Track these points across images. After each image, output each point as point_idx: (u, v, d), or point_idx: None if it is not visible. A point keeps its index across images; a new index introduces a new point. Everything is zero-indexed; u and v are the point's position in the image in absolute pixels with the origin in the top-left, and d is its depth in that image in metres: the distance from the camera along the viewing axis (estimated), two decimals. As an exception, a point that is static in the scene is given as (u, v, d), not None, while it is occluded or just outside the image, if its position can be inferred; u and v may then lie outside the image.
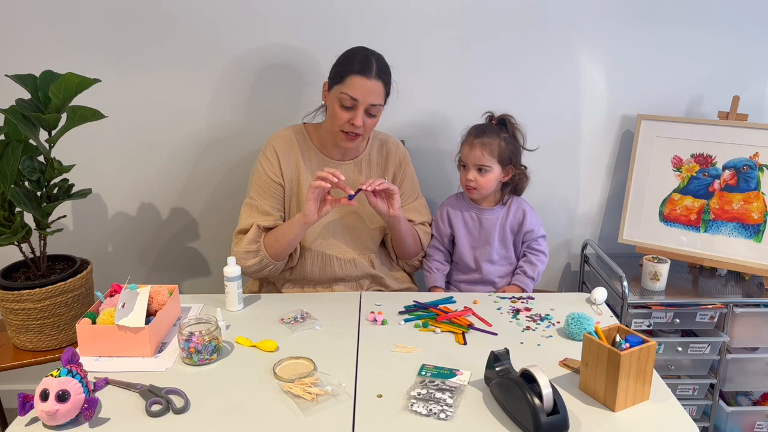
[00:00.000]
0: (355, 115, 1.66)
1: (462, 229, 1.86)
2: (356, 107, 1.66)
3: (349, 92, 1.64)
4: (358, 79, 1.64)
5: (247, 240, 1.72)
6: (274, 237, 1.73)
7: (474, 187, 1.79)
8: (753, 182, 1.98)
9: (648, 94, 2.16)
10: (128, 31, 2.02)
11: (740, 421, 2.06)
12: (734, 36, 2.10)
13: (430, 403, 1.22)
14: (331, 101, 1.70)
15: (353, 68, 1.65)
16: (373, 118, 1.70)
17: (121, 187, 2.20)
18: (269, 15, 2.03)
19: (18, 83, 1.63)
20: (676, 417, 1.20)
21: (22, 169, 1.63)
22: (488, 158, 1.76)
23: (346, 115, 1.67)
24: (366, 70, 1.65)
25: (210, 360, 1.37)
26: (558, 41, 2.09)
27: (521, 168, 1.83)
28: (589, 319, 1.48)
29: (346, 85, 1.65)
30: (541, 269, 1.85)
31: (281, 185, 1.79)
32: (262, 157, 1.80)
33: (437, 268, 1.90)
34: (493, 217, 1.84)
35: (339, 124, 1.69)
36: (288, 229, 1.71)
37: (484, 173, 1.77)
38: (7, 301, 1.67)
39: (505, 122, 1.80)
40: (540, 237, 1.87)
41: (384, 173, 1.86)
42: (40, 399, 1.13)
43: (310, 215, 1.63)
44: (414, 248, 1.87)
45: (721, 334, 1.96)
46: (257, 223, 1.74)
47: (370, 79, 1.65)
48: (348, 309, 1.63)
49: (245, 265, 1.70)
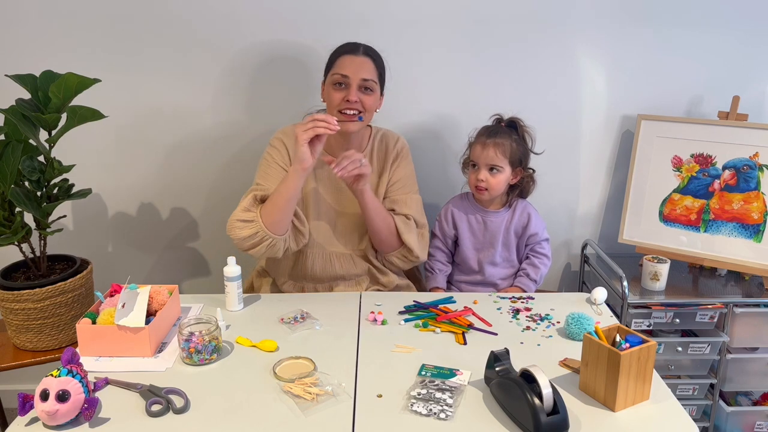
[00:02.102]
0: (349, 92, 1.70)
1: (466, 231, 1.86)
2: (348, 84, 1.70)
3: (339, 71, 1.71)
4: (346, 58, 1.72)
5: (241, 207, 1.65)
6: (271, 202, 1.64)
7: (485, 187, 1.78)
8: (753, 182, 1.98)
9: (648, 94, 2.16)
10: (128, 30, 2.02)
11: (740, 421, 2.06)
12: (734, 36, 2.10)
13: (430, 403, 1.22)
14: (327, 90, 1.75)
15: (340, 51, 1.75)
16: (369, 95, 1.72)
17: (121, 187, 2.20)
18: (270, 15, 2.02)
19: (18, 83, 1.63)
20: (676, 417, 1.20)
21: (22, 169, 1.63)
22: (501, 158, 1.75)
23: (340, 94, 1.71)
24: (353, 49, 1.74)
25: (210, 360, 1.37)
26: (558, 41, 2.09)
27: (529, 171, 1.83)
28: (589, 319, 1.48)
29: (336, 66, 1.72)
30: (544, 272, 1.86)
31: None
32: (270, 148, 1.81)
33: (439, 269, 1.90)
34: (498, 220, 1.84)
35: (335, 104, 1.71)
36: (283, 186, 1.62)
37: (495, 173, 1.77)
38: (7, 301, 1.67)
39: (515, 124, 1.81)
40: (544, 240, 1.87)
41: (385, 166, 1.84)
42: (40, 399, 1.13)
43: (306, 159, 1.57)
44: (388, 238, 1.77)
45: (721, 334, 1.96)
46: (254, 192, 1.68)
47: (357, 56, 1.72)
48: (348, 309, 1.63)
49: (239, 236, 1.63)
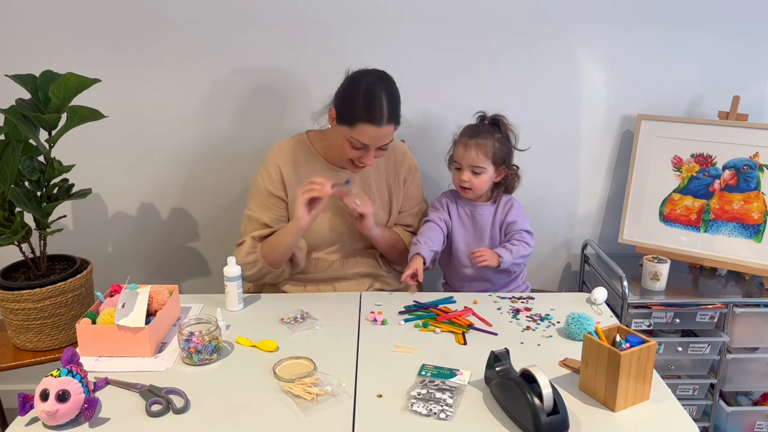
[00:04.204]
0: (367, 155, 1.66)
1: (458, 222, 1.85)
2: (367, 149, 1.65)
3: (360, 139, 1.62)
4: (369, 128, 1.60)
5: (243, 252, 1.74)
6: (272, 244, 1.74)
7: (468, 187, 1.78)
8: (753, 182, 1.98)
9: (648, 94, 2.16)
10: (129, 30, 2.02)
11: (740, 421, 2.06)
12: (734, 36, 2.10)
13: (430, 403, 1.22)
14: (339, 135, 1.67)
15: (362, 116, 1.60)
16: (384, 150, 1.70)
17: (121, 187, 2.20)
18: (270, 14, 2.02)
19: (18, 83, 1.63)
20: (676, 417, 1.20)
21: (22, 169, 1.63)
22: (483, 159, 1.74)
23: (356, 153, 1.66)
24: (376, 118, 1.60)
25: (210, 360, 1.37)
26: (558, 41, 2.09)
27: (513, 168, 1.82)
28: (589, 319, 1.48)
29: (356, 131, 1.61)
30: (522, 252, 1.76)
31: (282, 199, 1.78)
32: (264, 171, 1.79)
33: (424, 242, 1.77)
34: (486, 213, 1.83)
35: (348, 157, 1.68)
36: (283, 236, 1.72)
37: (478, 174, 1.76)
38: (7, 301, 1.67)
39: (498, 122, 1.79)
40: (524, 230, 1.81)
41: (394, 181, 1.86)
42: (40, 399, 1.13)
43: (302, 219, 1.63)
44: (400, 256, 1.86)
45: (721, 334, 1.96)
46: (252, 234, 1.75)
47: (381, 127, 1.61)
48: (348, 309, 1.63)
49: (245, 275, 1.71)
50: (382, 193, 1.86)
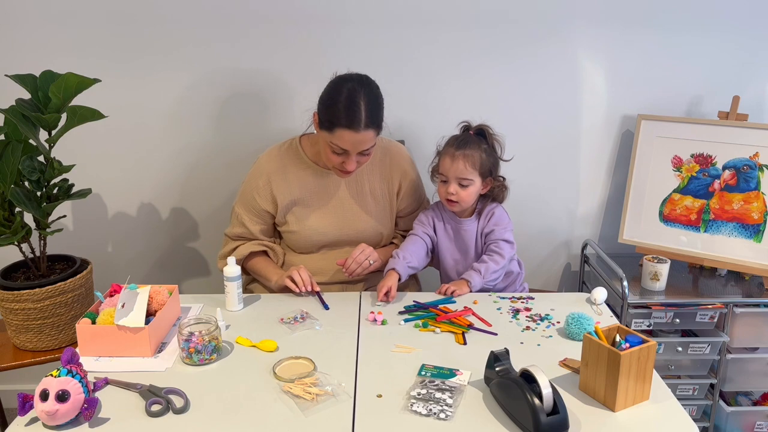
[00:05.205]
0: (348, 160, 1.66)
1: (444, 237, 1.82)
2: (348, 154, 1.65)
3: (339, 144, 1.62)
4: (347, 133, 1.60)
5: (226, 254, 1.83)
6: (253, 268, 1.85)
7: (455, 200, 1.72)
8: (753, 182, 1.98)
9: (648, 94, 2.16)
10: (129, 30, 2.02)
11: (740, 421, 2.06)
12: (734, 36, 2.10)
13: (430, 403, 1.22)
14: (322, 140, 1.68)
15: (341, 121, 1.59)
16: (367, 156, 1.69)
17: (121, 187, 2.20)
18: (273, 16, 2.02)
19: (18, 83, 1.63)
20: (676, 417, 1.20)
21: (22, 169, 1.63)
22: (470, 171, 1.69)
23: (338, 159, 1.67)
24: (354, 123, 1.59)
25: (210, 360, 1.37)
26: (558, 42, 2.09)
27: (500, 179, 1.77)
28: (589, 319, 1.48)
29: (335, 136, 1.61)
30: (493, 267, 1.72)
31: (270, 213, 1.82)
32: (253, 182, 1.80)
33: (403, 256, 1.73)
34: (470, 228, 1.79)
35: (331, 164, 1.70)
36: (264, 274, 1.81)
37: (465, 187, 1.71)
38: (7, 301, 1.67)
39: (484, 132, 1.73)
40: (501, 240, 1.75)
41: (388, 182, 1.85)
42: (40, 399, 1.13)
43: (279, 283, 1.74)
44: None
45: (721, 334, 1.96)
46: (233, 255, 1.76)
47: (359, 132, 1.59)
48: (348, 309, 1.63)
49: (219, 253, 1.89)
50: (375, 193, 1.84)
